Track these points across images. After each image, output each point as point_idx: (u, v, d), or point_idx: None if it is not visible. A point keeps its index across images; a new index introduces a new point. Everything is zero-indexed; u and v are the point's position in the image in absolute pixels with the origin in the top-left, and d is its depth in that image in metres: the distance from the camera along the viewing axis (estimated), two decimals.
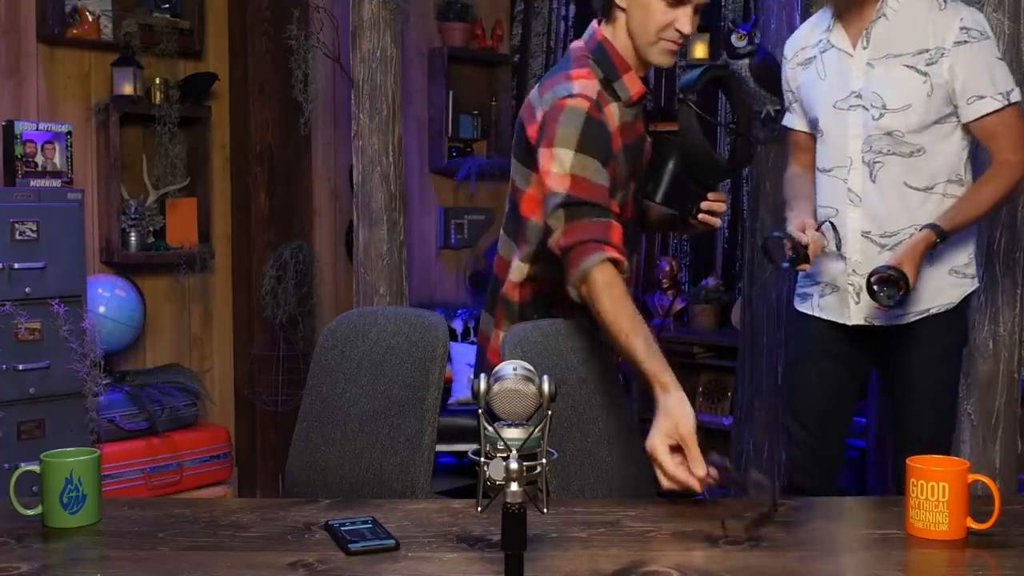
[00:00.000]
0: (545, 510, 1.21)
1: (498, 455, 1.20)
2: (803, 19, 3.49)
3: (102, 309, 3.61)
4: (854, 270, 2.33)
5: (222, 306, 4.28)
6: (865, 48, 2.32)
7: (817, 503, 1.60)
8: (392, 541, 1.35)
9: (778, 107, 3.38)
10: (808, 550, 1.33)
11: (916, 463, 1.39)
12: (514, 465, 1.16)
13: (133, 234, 3.89)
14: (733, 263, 4.50)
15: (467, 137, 5.05)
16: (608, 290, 1.72)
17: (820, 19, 2.46)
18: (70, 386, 3.26)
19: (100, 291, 3.65)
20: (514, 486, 1.15)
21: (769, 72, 3.31)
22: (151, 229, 3.97)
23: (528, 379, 1.20)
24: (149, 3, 3.94)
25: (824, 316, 2.41)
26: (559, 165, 1.82)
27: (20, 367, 3.17)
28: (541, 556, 1.30)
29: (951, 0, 2.27)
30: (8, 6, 3.65)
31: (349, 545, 1.33)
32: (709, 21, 4.53)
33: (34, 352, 3.20)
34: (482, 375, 1.22)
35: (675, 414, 1.54)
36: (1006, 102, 2.23)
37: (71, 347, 3.22)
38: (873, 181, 2.31)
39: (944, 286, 2.32)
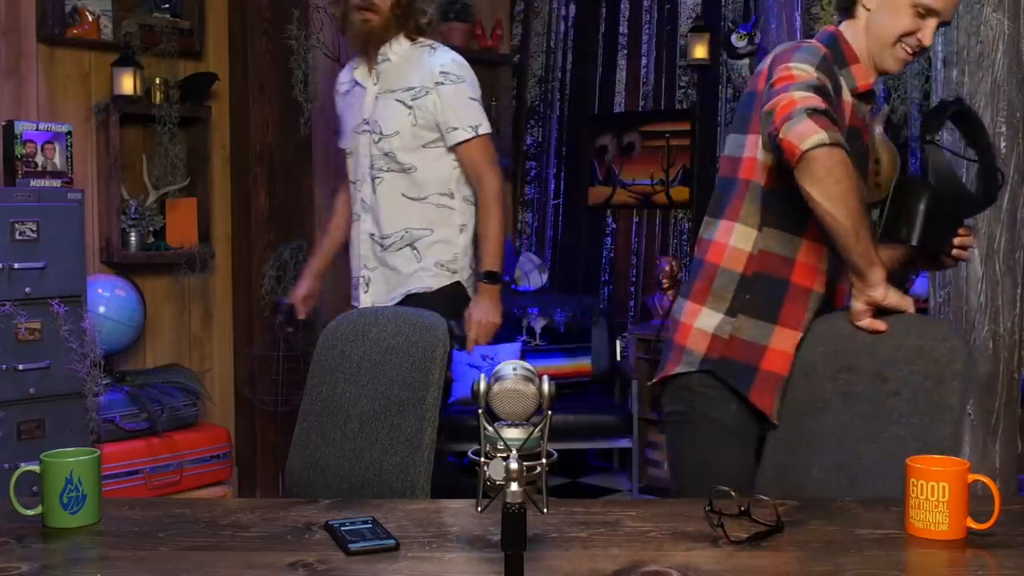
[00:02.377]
0: (545, 510, 1.21)
1: (498, 455, 1.20)
2: (803, 19, 3.50)
3: (102, 309, 3.61)
4: (365, 265, 2.88)
5: (222, 306, 4.28)
6: (376, 84, 2.85)
7: (817, 503, 1.60)
8: (392, 541, 1.35)
9: None
10: (808, 550, 1.33)
11: (916, 463, 1.39)
12: (514, 465, 1.16)
13: (133, 234, 3.89)
14: None
15: None
16: (849, 171, 1.72)
17: (357, 60, 2.95)
18: (70, 386, 3.26)
19: (100, 291, 3.65)
20: (514, 486, 1.15)
21: None
22: (151, 229, 3.97)
23: (528, 379, 1.20)
24: (149, 3, 3.94)
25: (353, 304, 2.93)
26: (803, 70, 1.79)
27: (20, 367, 3.17)
28: (541, 556, 1.30)
29: (441, 47, 2.84)
30: (8, 6, 3.65)
31: (349, 545, 1.33)
32: (709, 21, 4.53)
33: (34, 352, 3.20)
34: (482, 375, 1.22)
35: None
36: (475, 134, 2.79)
37: (71, 347, 3.22)
38: (374, 193, 2.84)
39: (426, 276, 2.83)
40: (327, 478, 1.98)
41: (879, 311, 1.83)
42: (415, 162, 2.81)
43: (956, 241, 1.96)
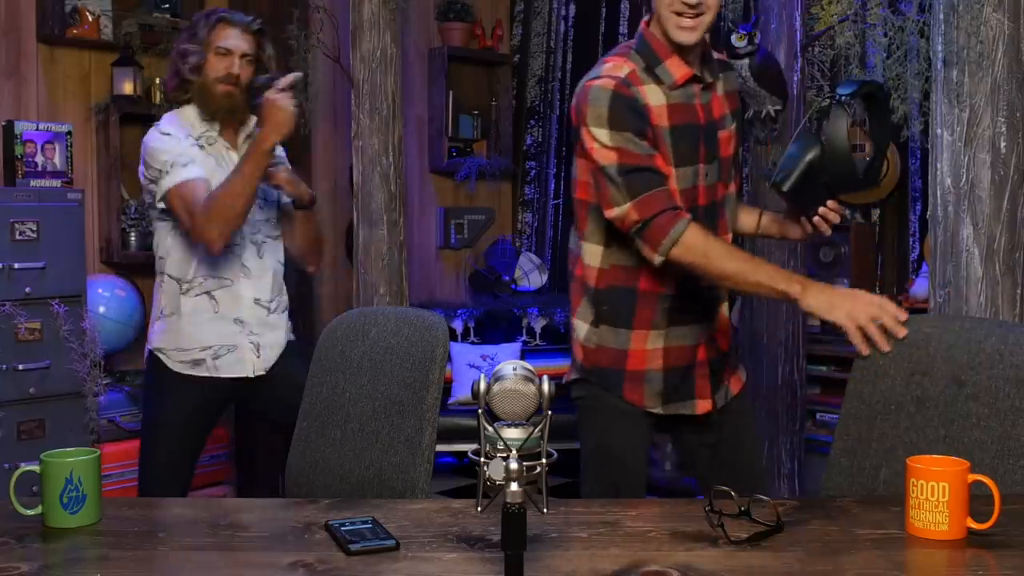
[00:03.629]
0: (545, 510, 1.21)
1: (498, 455, 1.20)
2: (803, 19, 3.50)
3: (102, 309, 3.61)
4: (251, 331, 2.65)
5: None
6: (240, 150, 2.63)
7: (817, 503, 1.60)
8: (392, 541, 1.35)
9: (779, 107, 3.38)
10: (808, 550, 1.33)
11: (916, 463, 1.39)
12: (514, 465, 1.16)
13: (133, 234, 3.89)
14: None
15: (467, 137, 5.05)
16: (709, 246, 1.93)
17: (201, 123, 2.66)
18: (70, 386, 3.26)
19: (100, 291, 3.65)
20: (514, 486, 1.15)
21: (769, 72, 3.31)
22: (151, 229, 3.97)
23: (528, 379, 1.20)
24: (149, 3, 3.94)
25: (223, 375, 2.63)
26: (599, 141, 1.95)
27: (20, 367, 3.17)
28: (541, 556, 1.30)
29: None
30: (8, 6, 3.65)
31: (349, 545, 1.33)
32: None
33: (34, 352, 3.20)
34: (482, 375, 1.22)
35: (825, 308, 1.84)
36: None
37: (71, 347, 3.22)
38: (260, 257, 2.67)
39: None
40: (327, 478, 1.98)
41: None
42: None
43: (821, 210, 2.04)
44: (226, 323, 2.63)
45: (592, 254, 2.10)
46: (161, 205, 2.57)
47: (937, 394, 1.78)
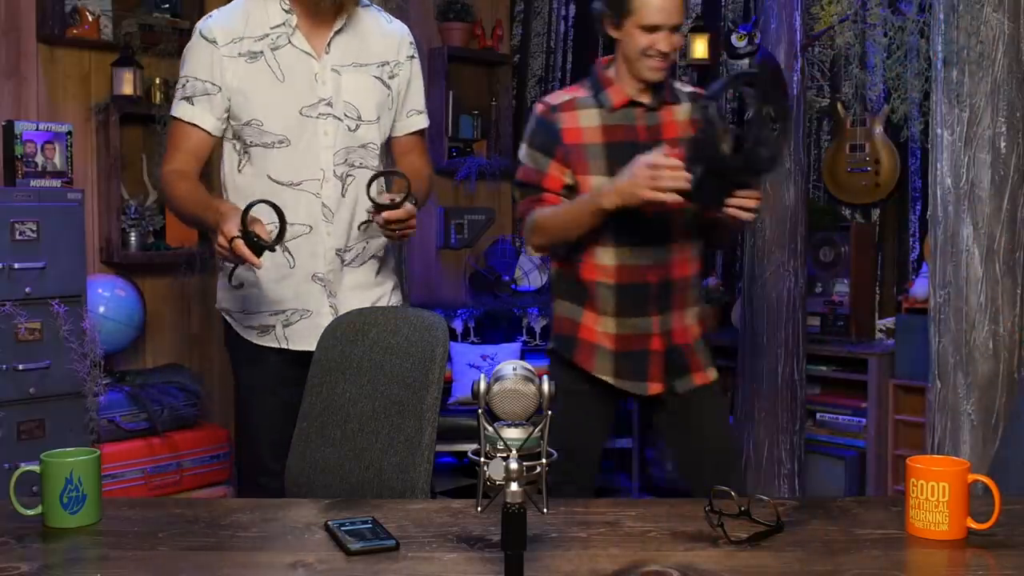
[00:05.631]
0: (545, 510, 1.21)
1: (498, 455, 1.20)
2: (803, 19, 3.50)
3: (102, 309, 3.61)
4: (331, 292, 2.25)
5: None
6: (328, 53, 2.22)
7: (817, 503, 1.60)
8: (392, 541, 1.35)
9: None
10: (808, 550, 1.33)
11: (916, 463, 1.39)
12: (514, 465, 1.16)
13: (133, 234, 3.89)
14: (733, 263, 4.51)
15: (467, 137, 5.05)
16: (536, 217, 2.33)
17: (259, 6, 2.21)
18: (70, 386, 3.25)
19: (100, 291, 3.65)
20: (514, 486, 1.15)
21: (769, 72, 3.31)
22: (151, 229, 3.97)
23: (528, 379, 1.20)
24: (149, 3, 3.94)
25: (292, 347, 2.26)
26: (519, 154, 2.44)
27: (20, 367, 3.17)
28: (541, 556, 1.30)
29: (383, 11, 2.36)
30: (8, 6, 3.65)
31: (349, 545, 1.33)
32: (709, 21, 4.53)
33: (34, 352, 3.20)
34: (482, 375, 1.22)
35: (617, 201, 2.16)
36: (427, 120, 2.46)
37: (71, 347, 3.22)
38: (343, 195, 2.24)
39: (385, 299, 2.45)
40: (327, 478, 1.97)
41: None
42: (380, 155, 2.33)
43: (734, 201, 2.16)
44: (297, 281, 2.24)
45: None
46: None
47: None
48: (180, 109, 2.24)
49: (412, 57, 2.36)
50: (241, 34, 2.19)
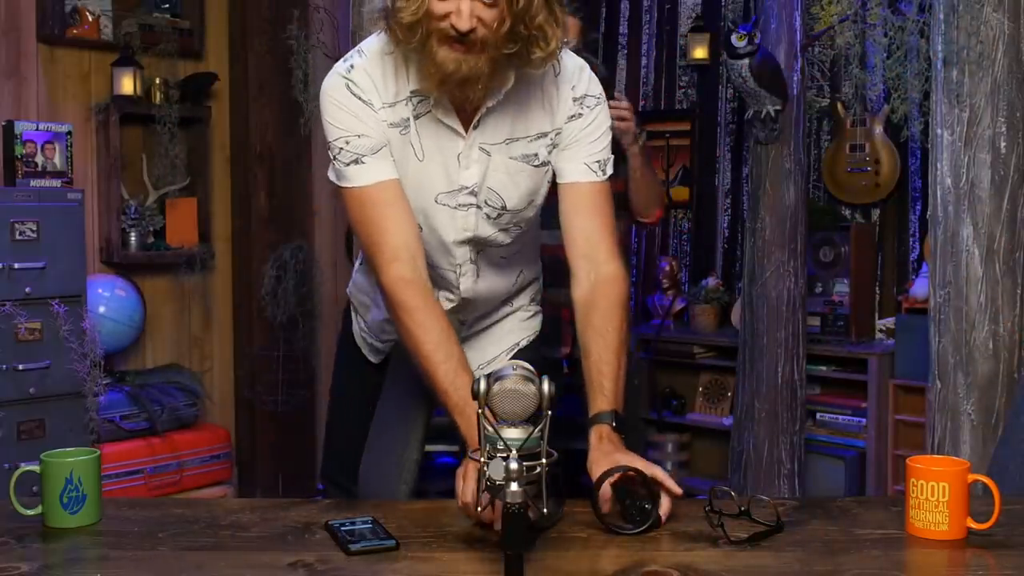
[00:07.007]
0: (545, 510, 1.21)
1: (498, 455, 1.20)
2: (803, 19, 3.50)
3: (102, 309, 3.61)
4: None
5: (222, 306, 4.27)
6: (476, 128, 1.69)
7: (817, 503, 1.60)
8: (392, 541, 1.35)
9: (778, 107, 3.38)
10: (808, 550, 1.33)
11: (916, 463, 1.39)
12: (514, 465, 1.16)
13: (133, 234, 3.89)
14: (733, 263, 4.50)
15: None
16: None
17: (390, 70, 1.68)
18: (70, 386, 3.26)
19: (100, 291, 3.65)
20: (514, 486, 1.15)
21: (769, 72, 3.31)
22: (151, 229, 3.97)
23: (528, 379, 1.20)
24: (149, 3, 3.94)
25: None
26: None
27: (20, 367, 3.17)
28: (541, 556, 1.30)
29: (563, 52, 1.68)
30: (8, 6, 3.65)
31: (349, 545, 1.33)
32: (709, 21, 4.53)
33: (34, 352, 3.20)
34: (482, 375, 1.22)
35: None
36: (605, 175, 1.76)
37: (71, 347, 3.22)
38: (476, 282, 1.84)
39: None
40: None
41: None
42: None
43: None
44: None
45: None
46: None
47: None
48: (352, 175, 1.69)
49: (575, 116, 1.72)
50: (393, 99, 1.68)
